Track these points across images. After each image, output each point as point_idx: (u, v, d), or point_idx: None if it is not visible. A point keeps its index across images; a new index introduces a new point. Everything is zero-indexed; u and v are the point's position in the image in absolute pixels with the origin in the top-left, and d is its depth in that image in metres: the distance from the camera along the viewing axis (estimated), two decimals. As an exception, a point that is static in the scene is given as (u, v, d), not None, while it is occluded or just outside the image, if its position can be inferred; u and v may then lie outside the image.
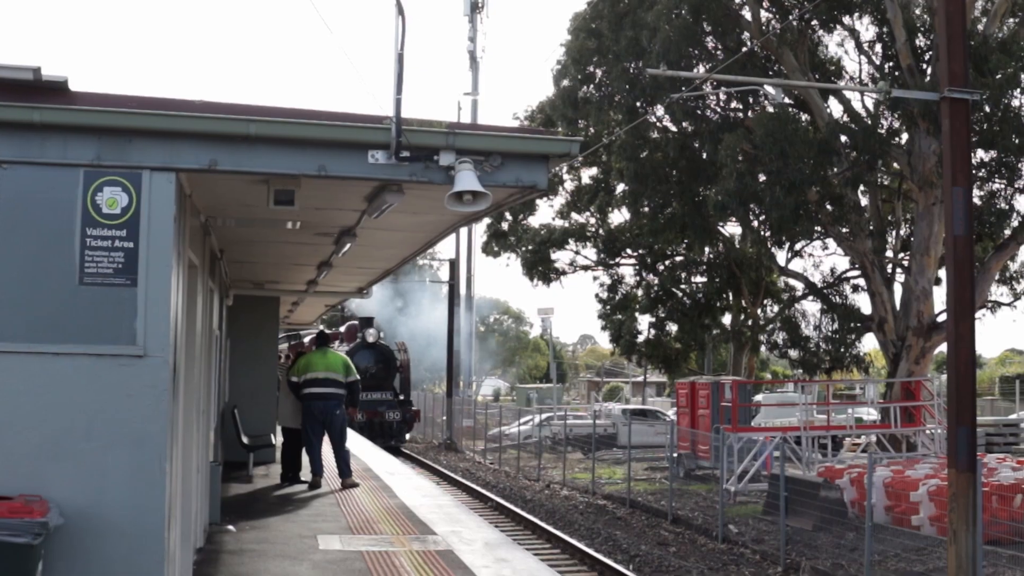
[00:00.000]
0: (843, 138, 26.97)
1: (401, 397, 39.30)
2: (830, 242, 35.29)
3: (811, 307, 37.17)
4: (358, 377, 17.20)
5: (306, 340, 33.86)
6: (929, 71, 26.45)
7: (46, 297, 6.37)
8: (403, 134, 6.82)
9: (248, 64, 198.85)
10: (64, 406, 6.32)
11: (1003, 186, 27.41)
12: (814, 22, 29.13)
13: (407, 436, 40.48)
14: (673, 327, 41.51)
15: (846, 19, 29.70)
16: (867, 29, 30.42)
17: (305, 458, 16.53)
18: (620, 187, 38.72)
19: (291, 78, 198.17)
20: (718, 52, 31.26)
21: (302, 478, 16.55)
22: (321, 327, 30.79)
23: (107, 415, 6.34)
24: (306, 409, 16.19)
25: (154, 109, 6.46)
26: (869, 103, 29.02)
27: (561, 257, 43.27)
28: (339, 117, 6.88)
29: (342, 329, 42.04)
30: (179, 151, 6.54)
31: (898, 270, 30.69)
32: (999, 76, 23.56)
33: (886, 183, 31.80)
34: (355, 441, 22.47)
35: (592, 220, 43.40)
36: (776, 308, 40.71)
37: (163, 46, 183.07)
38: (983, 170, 26.60)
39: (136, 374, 6.39)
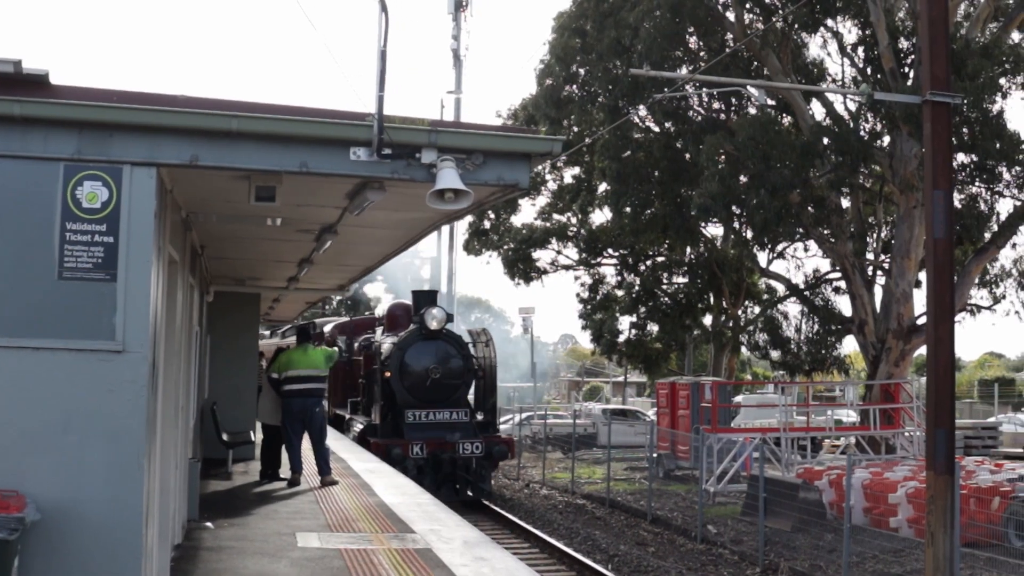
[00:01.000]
0: (825, 140, 27.04)
1: (480, 417, 24.82)
2: (812, 244, 35.44)
3: (792, 309, 37.34)
4: (336, 349, 17.55)
5: (327, 327, 31.22)
6: (911, 74, 26.55)
7: (25, 291, 6.32)
8: (385, 131, 6.81)
9: (231, 60, 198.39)
10: (42, 401, 6.28)
11: (983, 190, 27.54)
12: (797, 25, 29.19)
13: (491, 480, 24.99)
14: (654, 327, 41.56)
15: (829, 22, 29.78)
16: (850, 32, 30.56)
17: (284, 455, 16.52)
18: (602, 187, 38.76)
19: (274, 74, 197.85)
20: (701, 53, 31.33)
21: (281, 475, 16.52)
22: (300, 322, 30.47)
23: (86, 410, 6.30)
24: (286, 406, 16.16)
25: (135, 104, 6.43)
26: (852, 106, 29.10)
27: (543, 256, 43.39)
28: (321, 114, 6.88)
29: (379, 312, 31.60)
30: (160, 146, 6.51)
31: (879, 272, 30.80)
32: (980, 80, 23.65)
33: (868, 186, 31.90)
34: (336, 439, 22.43)
35: (574, 219, 43.45)
36: (757, 309, 40.86)
37: (146, 41, 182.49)
38: (963, 173, 26.71)
39: (115, 369, 6.36)
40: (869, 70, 29.40)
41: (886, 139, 28.24)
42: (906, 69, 27.24)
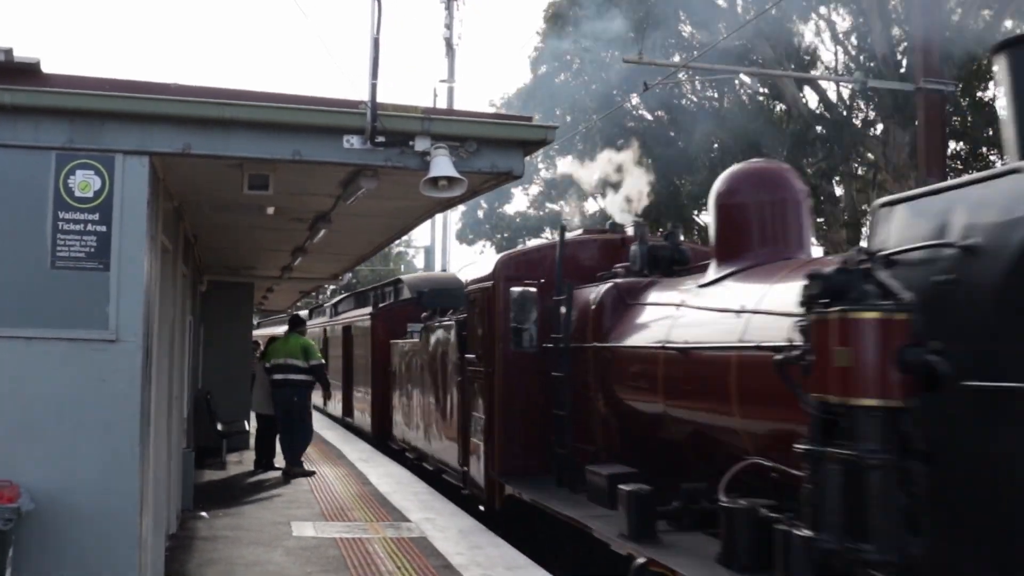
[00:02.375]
0: (819, 128, 27.01)
1: None
2: (805, 232, 35.38)
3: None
4: (322, 361, 17.01)
5: (473, 273, 19.22)
6: (905, 62, 26.52)
7: (18, 281, 6.30)
8: (378, 119, 6.78)
9: (223, 49, 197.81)
10: (36, 391, 6.26)
11: (977, 177, 27.53)
12: (790, 12, 29.10)
13: None
14: (649, 316, 41.49)
15: (823, 9, 29.72)
16: (843, 19, 30.49)
17: (279, 444, 16.52)
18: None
19: (267, 64, 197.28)
20: (694, 41, 31.26)
21: (276, 465, 16.52)
22: (294, 312, 30.16)
23: (79, 400, 6.29)
24: (274, 395, 16.24)
25: (127, 92, 6.41)
26: (845, 93, 29.08)
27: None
28: (314, 102, 6.85)
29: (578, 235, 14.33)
30: (153, 135, 6.48)
31: (872, 260, 30.76)
32: (972, 68, 23.63)
33: (861, 173, 31.88)
34: (329, 429, 22.41)
35: (567, 208, 43.40)
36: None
37: (138, 30, 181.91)
38: (957, 161, 26.72)
39: (109, 359, 6.34)
40: (862, 58, 29.36)
41: (879, 127, 28.22)
42: (899, 57, 27.21)
